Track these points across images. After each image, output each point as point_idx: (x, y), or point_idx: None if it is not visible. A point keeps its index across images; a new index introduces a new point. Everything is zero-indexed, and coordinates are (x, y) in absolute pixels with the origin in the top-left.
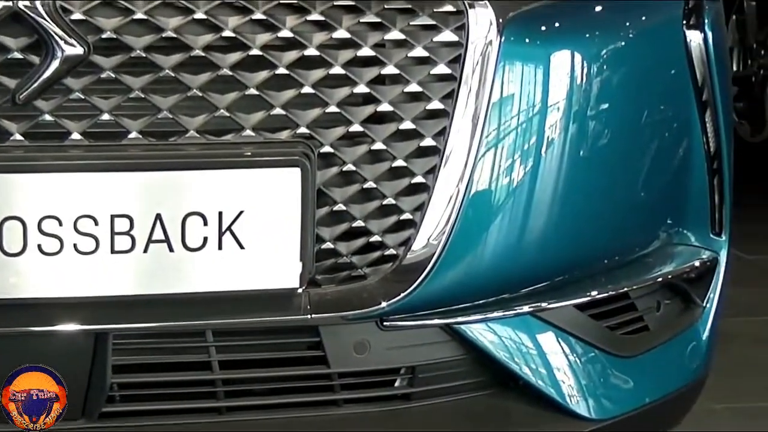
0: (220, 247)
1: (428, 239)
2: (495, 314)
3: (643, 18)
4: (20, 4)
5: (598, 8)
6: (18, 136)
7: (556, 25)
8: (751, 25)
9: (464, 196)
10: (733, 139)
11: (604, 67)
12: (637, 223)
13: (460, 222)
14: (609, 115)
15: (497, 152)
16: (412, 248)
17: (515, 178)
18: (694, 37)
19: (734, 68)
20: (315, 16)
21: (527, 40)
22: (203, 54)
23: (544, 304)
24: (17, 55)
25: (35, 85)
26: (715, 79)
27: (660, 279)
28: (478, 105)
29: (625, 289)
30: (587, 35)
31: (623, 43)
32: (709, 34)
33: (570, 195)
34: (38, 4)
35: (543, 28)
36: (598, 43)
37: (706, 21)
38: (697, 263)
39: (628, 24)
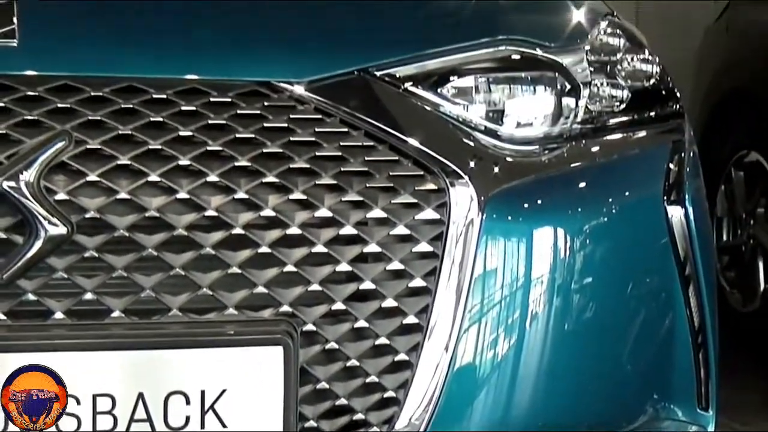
0: (202, 426)
1: (410, 418)
2: None
3: (626, 193)
4: (4, 185)
5: (581, 185)
6: (0, 315)
7: (538, 202)
8: (740, 195)
9: (448, 372)
10: (717, 313)
11: (587, 241)
12: (622, 397)
13: (444, 398)
14: (592, 289)
15: (480, 327)
16: (396, 427)
17: (499, 352)
18: (675, 212)
19: (724, 238)
20: (297, 195)
21: (509, 217)
22: (186, 233)
23: None
24: (1, 235)
25: (18, 264)
26: (698, 253)
27: None
28: (461, 282)
29: None
30: (569, 211)
31: (605, 219)
32: (690, 210)
33: (553, 369)
34: (22, 184)
35: (525, 205)
36: (580, 219)
37: (686, 197)
38: None
39: (609, 200)
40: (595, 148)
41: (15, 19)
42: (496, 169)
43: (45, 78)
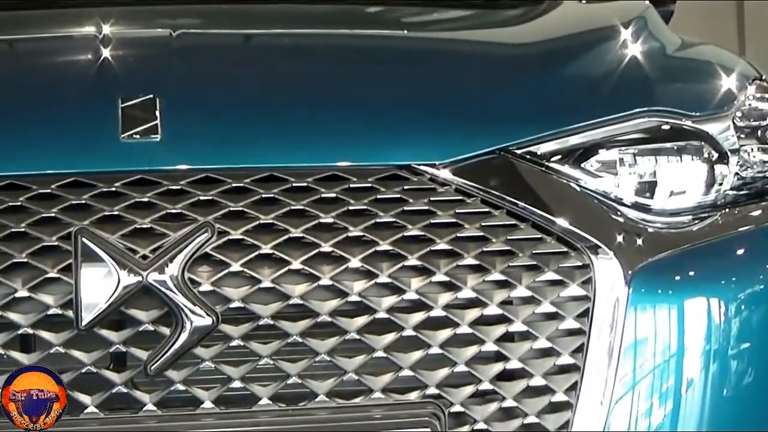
0: None
1: None
2: None
3: None
4: (150, 279)
5: (736, 252)
6: (151, 407)
7: (690, 273)
8: None
9: None
10: None
11: (742, 308)
12: None
13: None
14: (749, 354)
15: (632, 402)
16: None
17: (655, 421)
18: None
19: None
20: (440, 277)
21: (659, 291)
22: (330, 319)
23: None
24: (148, 327)
25: (166, 356)
26: None
27: None
28: (610, 357)
29: None
30: (722, 281)
31: (761, 286)
32: None
33: None
34: (167, 277)
35: (676, 277)
36: (734, 288)
37: None
38: None
39: (766, 266)
40: (748, 215)
41: (158, 114)
42: (641, 242)
43: (187, 171)
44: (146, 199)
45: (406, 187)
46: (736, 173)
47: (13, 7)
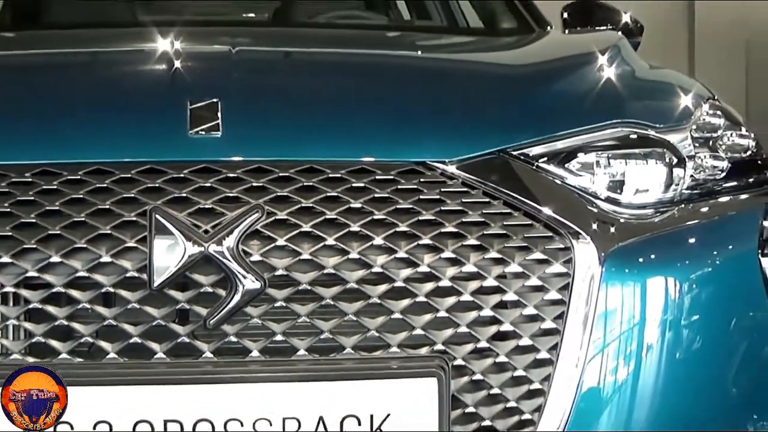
0: None
1: None
2: None
3: (728, 247)
4: (211, 249)
5: (689, 241)
6: (209, 354)
7: (652, 256)
8: None
9: (575, 397)
10: None
11: (694, 287)
12: (726, 416)
13: (573, 419)
14: (699, 325)
15: (602, 360)
16: None
17: (619, 380)
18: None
19: None
20: (447, 254)
21: (626, 270)
22: (357, 286)
23: None
24: (208, 289)
25: (222, 313)
26: None
27: None
28: (585, 324)
29: None
30: (678, 264)
31: (709, 269)
32: None
33: (666, 392)
34: (225, 248)
35: (640, 259)
36: (688, 269)
37: None
38: None
39: (714, 252)
40: (700, 210)
41: (219, 115)
42: (613, 230)
43: (243, 162)
44: (209, 184)
45: (421, 180)
46: (691, 176)
47: (103, 25)
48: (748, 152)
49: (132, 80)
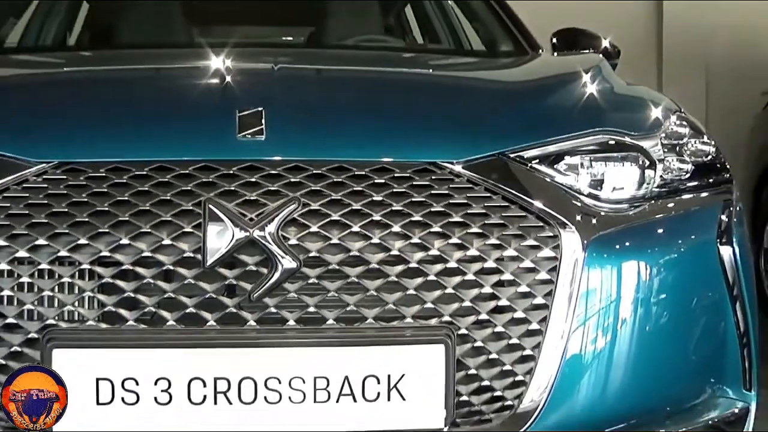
0: (389, 399)
1: (534, 394)
2: None
3: (690, 237)
4: (255, 234)
5: (658, 231)
6: (252, 323)
7: (626, 243)
8: None
9: (560, 363)
10: (757, 322)
11: (661, 270)
12: (689, 381)
13: (559, 381)
14: (665, 303)
15: (584, 332)
16: (524, 401)
17: (597, 348)
18: (725, 251)
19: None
20: (454, 240)
21: (605, 255)
22: (378, 267)
23: None
24: (252, 267)
25: (264, 288)
26: (742, 279)
27: (709, 422)
28: (570, 300)
29: (683, 429)
30: (648, 250)
31: (675, 255)
32: (737, 249)
33: (639, 360)
34: (267, 234)
35: (617, 246)
36: (656, 255)
37: (734, 239)
38: (735, 410)
39: (678, 241)
40: (668, 206)
41: (263, 121)
42: (594, 221)
43: (282, 161)
44: (253, 180)
45: (433, 177)
46: (661, 176)
47: (164, 45)
48: (709, 157)
49: (190, 92)
